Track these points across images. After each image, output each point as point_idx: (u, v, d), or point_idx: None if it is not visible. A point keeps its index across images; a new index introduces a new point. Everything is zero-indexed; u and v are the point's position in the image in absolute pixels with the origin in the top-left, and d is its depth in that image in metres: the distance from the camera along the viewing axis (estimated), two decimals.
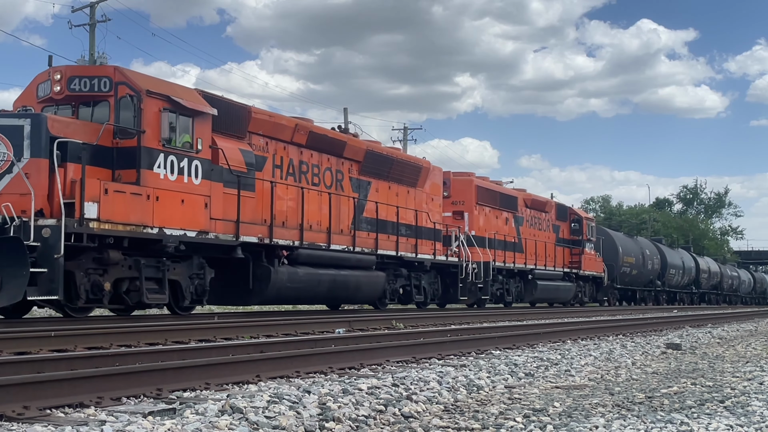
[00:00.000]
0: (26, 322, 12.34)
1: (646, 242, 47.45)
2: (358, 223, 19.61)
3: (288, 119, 17.93)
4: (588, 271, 34.97)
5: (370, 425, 5.27)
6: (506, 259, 27.74)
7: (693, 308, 41.41)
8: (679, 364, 9.98)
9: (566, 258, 33.47)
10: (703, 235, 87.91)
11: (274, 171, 17.01)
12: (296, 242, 17.24)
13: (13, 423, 4.66)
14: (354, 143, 19.95)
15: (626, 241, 42.93)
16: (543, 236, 31.64)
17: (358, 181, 20.02)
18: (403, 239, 21.31)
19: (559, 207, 34.63)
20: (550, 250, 31.74)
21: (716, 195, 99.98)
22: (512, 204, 29.55)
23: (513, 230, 29.22)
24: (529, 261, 29.48)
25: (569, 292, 33.02)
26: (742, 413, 5.73)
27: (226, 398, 5.47)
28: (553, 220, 33.13)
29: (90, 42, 37.08)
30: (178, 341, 10.22)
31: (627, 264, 40.84)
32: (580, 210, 35.51)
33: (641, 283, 44.07)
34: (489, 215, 27.55)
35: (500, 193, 28.82)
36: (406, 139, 55.01)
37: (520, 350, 10.55)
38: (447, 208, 25.55)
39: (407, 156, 23.84)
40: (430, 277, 22.91)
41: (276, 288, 16.29)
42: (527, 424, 5.26)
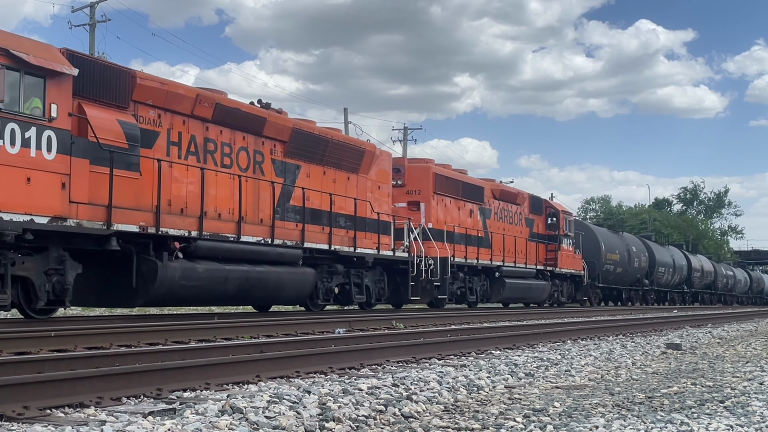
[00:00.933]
0: (26, 322, 12.33)
1: (632, 239, 44.94)
2: (284, 213, 17.19)
3: (187, 88, 15.32)
4: (565, 269, 32.38)
5: (370, 425, 5.27)
6: (469, 254, 25.30)
7: (692, 308, 41.28)
8: (679, 364, 9.98)
9: (541, 254, 30.93)
10: (702, 235, 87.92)
11: (170, 149, 14.49)
12: (194, 232, 14.60)
13: (13, 423, 4.66)
14: (276, 120, 17.22)
15: (610, 237, 40.43)
16: (514, 230, 29.10)
17: (284, 164, 17.43)
18: (340, 231, 18.88)
19: (533, 199, 31.58)
20: (521, 245, 29.15)
21: (716, 195, 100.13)
22: (477, 194, 26.90)
23: (478, 223, 26.60)
24: (496, 257, 27.06)
25: (543, 292, 30.57)
26: (742, 413, 5.73)
27: (226, 398, 5.46)
28: (527, 214, 30.56)
29: (90, 42, 37.12)
30: (178, 341, 10.22)
31: (610, 261, 38.40)
32: (557, 203, 33.03)
33: (627, 281, 41.66)
34: (450, 206, 24.98)
35: (463, 182, 25.96)
36: (406, 139, 55.03)
37: (520, 350, 10.55)
38: (401, 198, 23.50)
39: (347, 138, 20.90)
40: (375, 274, 20.46)
41: (165, 286, 13.88)
42: (527, 424, 5.26)
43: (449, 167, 26.70)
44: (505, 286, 26.87)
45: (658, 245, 48.93)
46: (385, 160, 21.37)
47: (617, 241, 40.75)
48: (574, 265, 33.28)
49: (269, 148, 17.05)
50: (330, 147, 18.83)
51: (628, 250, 41.02)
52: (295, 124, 17.84)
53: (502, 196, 28.59)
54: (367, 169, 20.28)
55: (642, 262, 43.08)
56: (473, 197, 26.44)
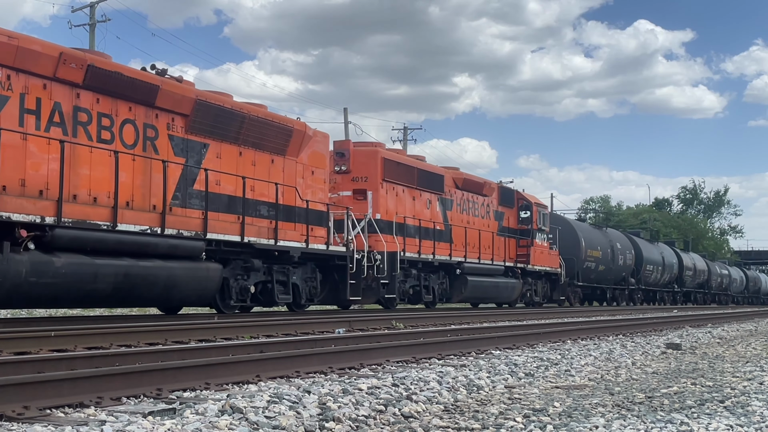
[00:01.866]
0: (26, 322, 12.33)
1: (617, 235, 42.54)
2: (185, 198, 14.74)
3: (47, 45, 12.79)
4: (539, 266, 29.89)
5: (370, 425, 5.27)
6: (424, 249, 22.87)
7: (692, 308, 41.18)
8: (679, 364, 9.98)
9: (512, 251, 28.42)
10: (702, 234, 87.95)
11: (24, 117, 12.13)
12: (50, 219, 12.06)
13: (13, 423, 4.66)
14: (173, 89, 14.61)
15: (591, 233, 37.95)
16: (480, 224, 26.56)
17: (186, 141, 14.94)
18: (260, 221, 16.46)
19: (503, 190, 29.02)
20: (488, 240, 26.65)
21: (715, 194, 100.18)
22: (436, 183, 24.29)
23: (437, 215, 24.11)
24: (457, 252, 24.54)
25: (513, 291, 28.14)
26: (742, 413, 5.73)
27: (226, 398, 5.46)
28: (496, 206, 28.06)
29: (90, 42, 37.11)
30: (178, 341, 10.22)
31: (591, 258, 36.05)
32: (531, 195, 30.87)
33: (611, 280, 39.34)
34: (402, 195, 22.46)
35: (418, 169, 23.44)
36: (406, 138, 55.02)
37: (520, 350, 10.55)
38: (346, 185, 21.28)
39: (271, 114, 17.57)
40: (306, 271, 18.11)
41: (8, 284, 11.36)
42: (527, 424, 5.26)
43: (403, 153, 24.68)
44: (467, 284, 24.45)
45: (647, 242, 46.88)
46: (320, 141, 18.74)
47: (599, 237, 38.57)
48: (549, 262, 30.94)
49: (165, 122, 14.51)
50: (247, 124, 16.27)
51: (612, 246, 38.99)
52: (199, 95, 15.32)
53: (466, 186, 25.99)
54: (296, 151, 17.70)
55: (628, 260, 40.98)
56: (431, 186, 23.94)
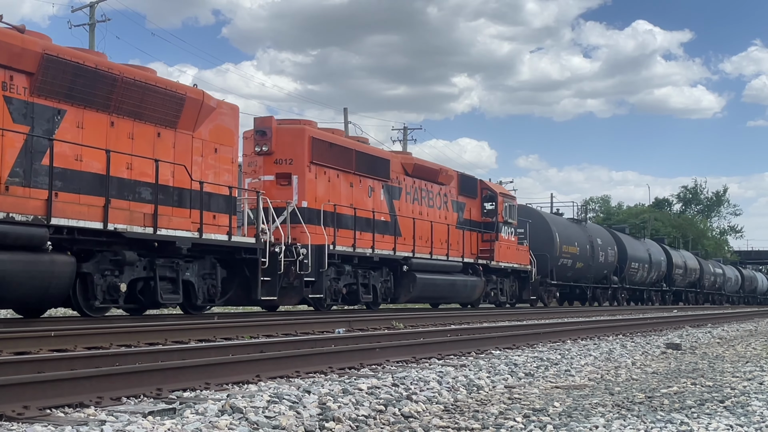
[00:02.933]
0: (26, 322, 12.33)
1: (597, 229, 39.90)
2: (30, 175, 12.18)
3: None
4: (505, 263, 27.21)
5: (370, 425, 5.27)
6: (362, 242, 20.16)
7: (693, 308, 41.12)
8: (679, 364, 9.98)
9: (474, 245, 25.90)
10: (702, 234, 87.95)
11: None
12: None
13: (13, 423, 4.66)
14: (10, 39, 12.16)
15: (567, 227, 35.24)
16: (435, 215, 23.92)
17: (31, 105, 12.36)
18: (137, 206, 13.87)
19: (463, 179, 26.14)
20: (442, 233, 23.89)
21: (715, 193, 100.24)
22: (380, 169, 21.63)
23: (382, 204, 21.52)
24: (404, 246, 21.89)
25: (474, 290, 25.45)
26: (742, 413, 5.73)
27: (226, 398, 5.46)
28: (455, 196, 25.40)
29: (90, 42, 37.11)
30: (178, 341, 10.22)
31: (567, 255, 33.45)
32: (497, 185, 28.09)
33: (591, 278, 36.69)
34: (336, 181, 19.83)
35: (357, 152, 20.69)
36: (405, 139, 55.03)
37: (520, 350, 10.55)
38: (268, 169, 18.73)
39: (156, 79, 14.75)
40: (204, 266, 15.34)
41: None
42: (527, 424, 5.26)
43: (340, 133, 21.75)
44: (415, 282, 21.70)
45: (632, 238, 44.68)
46: (226, 114, 16.10)
47: (577, 232, 35.82)
48: (518, 258, 28.38)
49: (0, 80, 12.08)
50: (121, 88, 13.68)
51: (591, 242, 36.37)
52: (49, 49, 12.65)
53: (418, 173, 23.34)
54: (191, 123, 15.06)
55: (609, 257, 38.38)
56: (374, 172, 21.34)
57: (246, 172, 19.02)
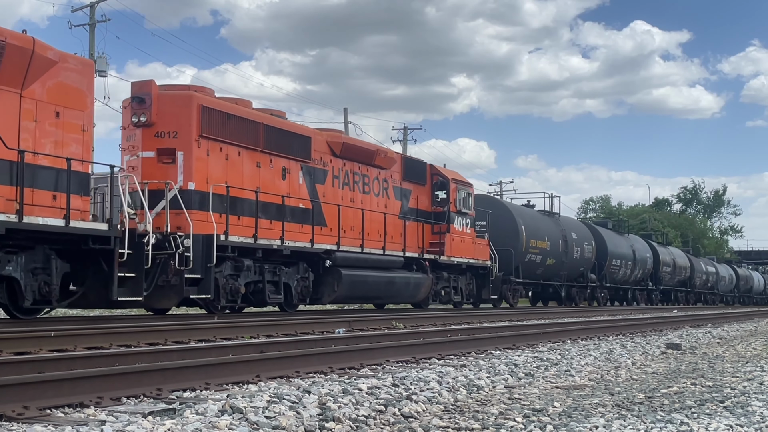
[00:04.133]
0: (26, 322, 12.33)
1: (574, 224, 36.76)
2: None
3: None
4: (458, 258, 24.05)
5: (370, 425, 5.27)
6: (267, 233, 16.93)
7: (693, 308, 41.07)
8: (679, 364, 9.98)
9: (422, 238, 22.83)
10: (702, 234, 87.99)
11: None
12: None
13: (13, 423, 4.66)
14: None
15: (536, 220, 32.10)
16: (371, 203, 20.96)
17: None
18: None
19: (409, 163, 23.18)
20: (379, 223, 20.84)
21: (715, 193, 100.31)
22: (299, 148, 18.37)
23: (300, 189, 18.40)
24: (328, 238, 18.87)
25: (418, 288, 22.28)
26: (742, 413, 5.73)
27: (226, 398, 5.47)
28: (398, 182, 22.30)
29: (90, 42, 37.15)
30: (178, 341, 10.23)
31: (535, 250, 30.47)
32: (449, 170, 25.12)
33: (565, 276, 33.61)
34: (237, 160, 16.65)
35: (266, 125, 17.37)
36: (405, 138, 55.05)
37: (520, 350, 10.55)
38: (148, 143, 15.47)
39: None
40: (32, 259, 12.53)
41: None
42: (527, 424, 5.26)
43: (245, 104, 17.86)
44: (341, 279, 18.79)
45: (615, 233, 41.56)
46: (74, 70, 13.30)
47: (548, 225, 32.69)
48: (475, 253, 25.26)
49: None
50: None
51: (565, 236, 33.25)
52: None
53: (348, 154, 20.18)
54: (18, 79, 12.16)
55: (586, 253, 35.16)
56: (290, 151, 18.17)
57: (124, 148, 15.96)
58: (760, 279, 72.82)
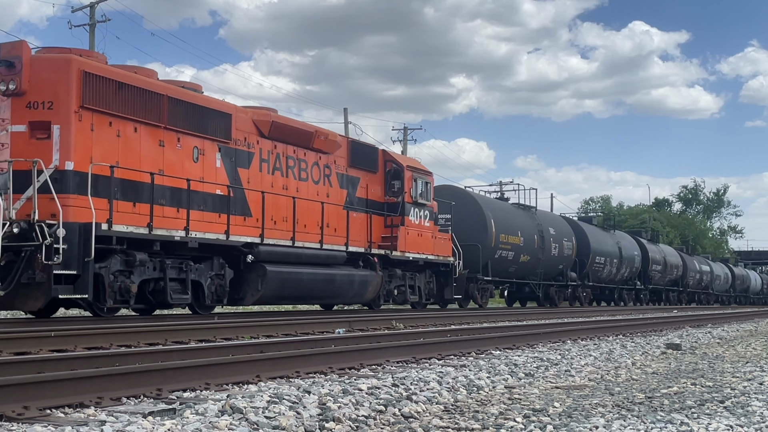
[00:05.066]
0: (26, 322, 12.33)
1: (551, 218, 34.26)
2: None
3: None
4: (414, 253, 21.56)
5: (370, 425, 5.27)
6: (164, 221, 14.33)
7: (693, 308, 41.03)
8: (679, 364, 9.98)
9: (373, 231, 20.43)
10: (702, 234, 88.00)
11: None
12: None
13: (13, 423, 4.66)
14: None
15: (508, 213, 29.57)
16: (309, 191, 18.50)
17: None
18: None
19: (357, 148, 20.71)
20: (315, 213, 18.33)
21: (715, 193, 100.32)
22: (215, 125, 15.87)
23: (218, 173, 15.86)
24: (250, 230, 16.43)
25: (365, 286, 19.75)
26: (742, 413, 5.74)
27: (226, 398, 5.47)
28: (343, 168, 19.88)
29: (90, 42, 37.15)
30: (178, 341, 10.23)
31: (506, 246, 28.18)
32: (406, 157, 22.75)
33: (542, 274, 31.30)
34: (133, 138, 14.22)
35: (171, 98, 14.85)
36: (406, 139, 55.04)
37: (520, 350, 10.55)
38: (19, 115, 13.21)
39: None
40: None
41: None
42: (527, 425, 5.26)
43: (149, 73, 15.16)
44: (266, 276, 16.36)
45: (600, 229, 39.14)
46: None
47: (522, 220, 30.29)
48: (435, 248, 22.83)
49: None
50: None
51: (541, 231, 30.93)
52: None
53: (280, 135, 17.70)
54: None
55: (566, 249, 32.96)
56: (203, 129, 15.61)
57: None
58: (757, 278, 71.36)
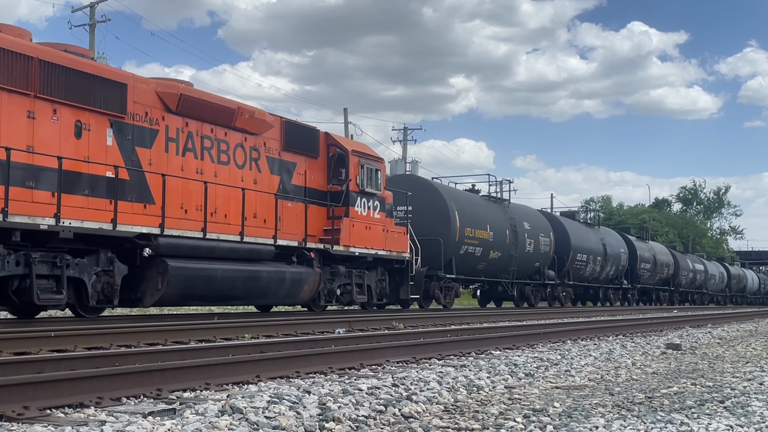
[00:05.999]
0: (26, 322, 12.33)
1: (526, 212, 31.20)
2: None
3: None
4: (361, 248, 19.12)
5: (370, 425, 5.27)
6: (24, 206, 11.92)
7: (693, 308, 41.02)
8: (679, 364, 9.98)
9: (310, 223, 17.75)
10: (702, 234, 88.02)
11: None
12: None
13: (13, 423, 4.66)
14: None
15: (475, 205, 26.94)
16: (233, 176, 16.08)
17: None
18: None
19: (292, 129, 17.91)
20: (237, 201, 15.76)
21: (715, 194, 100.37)
22: (105, 96, 13.47)
23: (109, 152, 13.52)
24: (150, 219, 14.06)
25: (298, 285, 17.19)
26: (742, 413, 5.74)
27: (226, 398, 5.47)
28: (275, 152, 17.31)
29: (90, 42, 37.17)
30: (178, 341, 10.22)
31: (473, 241, 25.49)
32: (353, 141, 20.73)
33: (514, 272, 28.57)
34: None
35: (43, 62, 12.53)
36: (406, 139, 55.05)
37: (520, 350, 10.55)
38: None
39: None
40: None
41: None
42: (527, 425, 5.26)
43: (22, 33, 12.94)
44: (166, 272, 14.01)
45: (583, 225, 36.66)
46: None
47: (492, 213, 27.79)
48: (387, 243, 20.35)
49: None
50: None
51: (514, 226, 28.52)
52: None
53: (192, 111, 15.21)
54: None
55: (543, 246, 30.60)
56: (91, 100, 13.28)
57: None
58: (754, 278, 69.64)
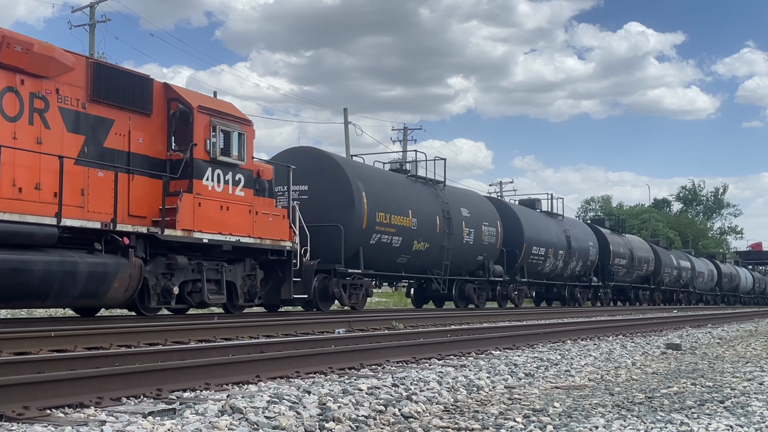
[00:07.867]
0: (26, 322, 12.33)
1: (465, 196, 26.82)
2: None
3: None
4: (212, 234, 14.70)
5: (370, 425, 5.27)
6: None
7: (692, 308, 41.01)
8: (679, 364, 9.98)
9: (141, 200, 13.79)
10: (701, 234, 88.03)
11: None
12: None
13: (13, 423, 4.66)
14: None
15: (390, 186, 21.91)
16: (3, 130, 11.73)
17: None
18: None
19: (105, 73, 13.47)
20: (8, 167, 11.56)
21: (713, 194, 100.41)
22: None
23: None
24: None
25: (99, 281, 12.54)
26: (742, 413, 5.74)
27: (226, 398, 5.47)
28: (76, 104, 12.91)
29: (90, 42, 37.19)
30: (178, 341, 10.22)
31: (388, 229, 20.80)
32: (201, 94, 16.11)
33: (448, 267, 23.69)
34: None
35: None
36: (406, 139, 55.06)
37: (520, 350, 10.55)
38: None
39: None
40: None
41: None
42: (527, 425, 5.26)
43: None
44: None
45: (544, 215, 32.23)
46: None
47: (416, 196, 22.81)
48: (256, 228, 15.94)
49: None
50: None
51: (447, 212, 23.60)
52: None
53: None
54: None
55: (487, 237, 25.83)
56: None
57: None
58: (747, 276, 64.27)
